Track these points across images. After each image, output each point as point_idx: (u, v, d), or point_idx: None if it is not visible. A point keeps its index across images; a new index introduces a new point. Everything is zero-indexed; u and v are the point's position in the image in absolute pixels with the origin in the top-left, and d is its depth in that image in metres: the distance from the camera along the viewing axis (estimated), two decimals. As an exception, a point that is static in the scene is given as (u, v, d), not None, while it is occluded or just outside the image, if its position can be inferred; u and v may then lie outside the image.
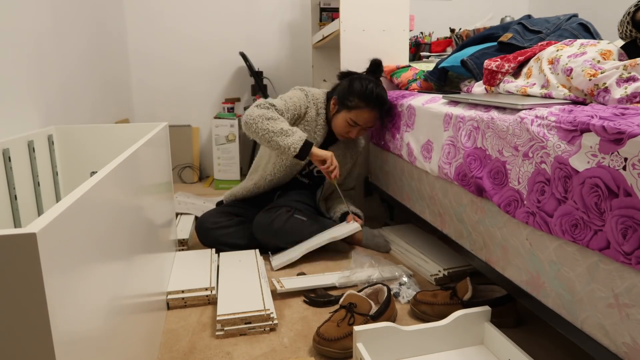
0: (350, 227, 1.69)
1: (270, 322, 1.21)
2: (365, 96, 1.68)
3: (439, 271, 1.50)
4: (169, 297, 1.33)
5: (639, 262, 0.70)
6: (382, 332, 1.04)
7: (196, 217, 2.02)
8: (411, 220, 1.65)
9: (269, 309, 1.22)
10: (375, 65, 1.81)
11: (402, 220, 2.04)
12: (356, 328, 1.03)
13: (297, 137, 1.55)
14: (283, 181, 1.83)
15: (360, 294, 1.21)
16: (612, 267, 0.76)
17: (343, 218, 1.81)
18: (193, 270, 1.49)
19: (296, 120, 1.74)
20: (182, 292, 1.34)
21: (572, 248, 0.85)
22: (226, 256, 1.62)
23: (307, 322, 1.25)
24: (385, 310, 1.18)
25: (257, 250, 1.66)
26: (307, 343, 1.16)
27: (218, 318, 1.18)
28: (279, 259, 1.63)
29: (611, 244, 0.74)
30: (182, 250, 1.76)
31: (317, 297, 1.34)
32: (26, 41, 1.51)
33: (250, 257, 1.61)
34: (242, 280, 1.41)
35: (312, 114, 1.76)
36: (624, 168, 0.72)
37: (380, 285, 1.25)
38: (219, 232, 1.71)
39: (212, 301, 1.36)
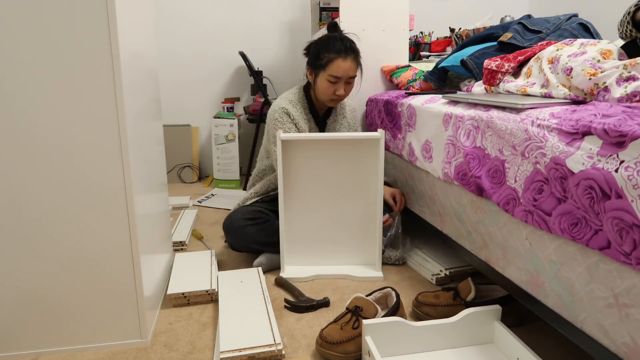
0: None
1: (280, 357, 1.08)
2: (335, 47, 1.62)
3: (440, 271, 1.50)
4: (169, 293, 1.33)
5: (639, 262, 0.70)
6: (390, 326, 1.04)
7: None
8: (411, 220, 1.65)
9: (279, 343, 1.08)
10: (332, 27, 1.75)
11: (402, 220, 2.04)
12: (365, 322, 1.03)
13: None
14: None
15: (368, 298, 1.20)
16: (612, 267, 0.76)
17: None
18: (193, 269, 1.49)
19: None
20: (184, 294, 1.34)
21: (572, 248, 0.85)
22: (226, 276, 1.47)
23: (306, 322, 1.26)
24: (393, 315, 1.17)
25: (260, 269, 1.51)
26: (306, 343, 1.16)
27: (221, 356, 1.04)
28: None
29: (612, 244, 0.74)
30: (181, 250, 1.76)
31: (298, 302, 1.27)
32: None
33: (252, 277, 1.45)
34: (246, 306, 1.27)
35: (297, 121, 1.68)
36: (616, 170, 0.72)
37: (389, 289, 1.24)
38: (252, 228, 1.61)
39: (214, 298, 1.37)
